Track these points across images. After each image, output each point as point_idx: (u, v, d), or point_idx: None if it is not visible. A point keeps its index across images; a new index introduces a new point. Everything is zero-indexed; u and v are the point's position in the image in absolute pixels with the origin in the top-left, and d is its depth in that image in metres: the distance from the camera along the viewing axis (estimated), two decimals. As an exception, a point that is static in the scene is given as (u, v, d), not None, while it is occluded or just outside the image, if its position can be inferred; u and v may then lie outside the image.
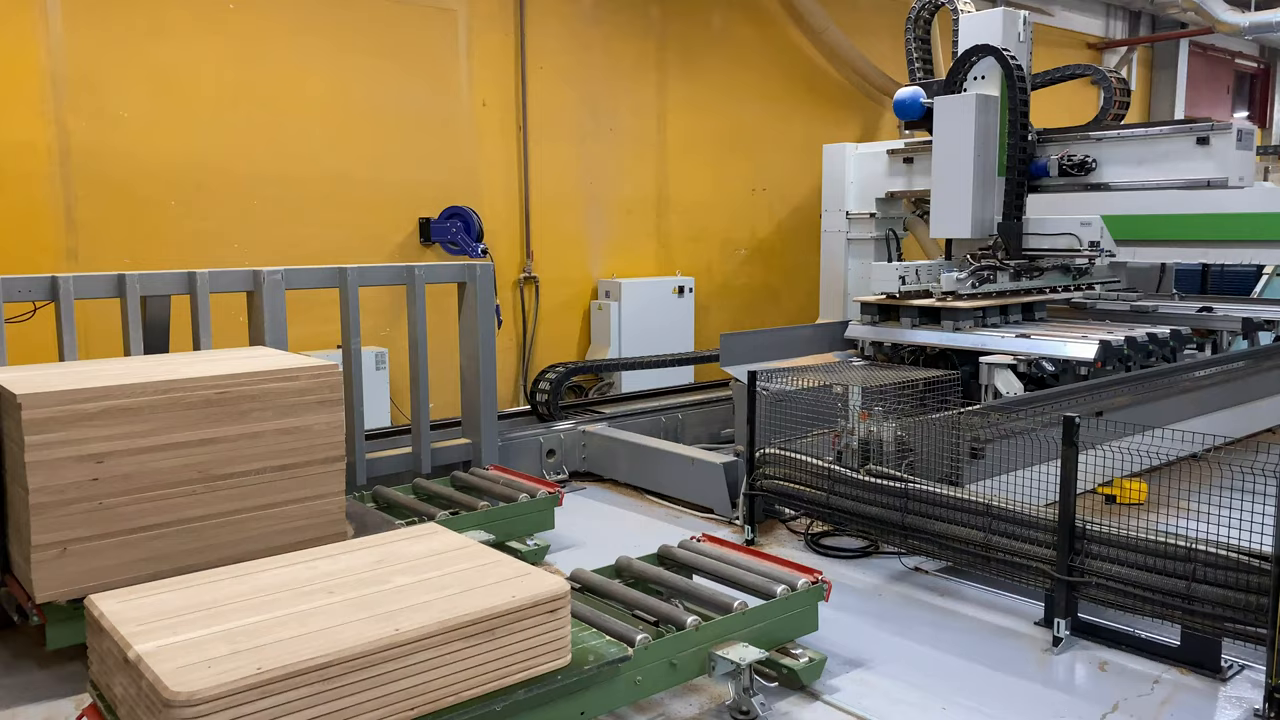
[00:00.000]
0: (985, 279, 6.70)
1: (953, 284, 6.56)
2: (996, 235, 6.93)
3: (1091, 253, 6.63)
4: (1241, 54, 17.97)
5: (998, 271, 6.80)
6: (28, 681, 3.78)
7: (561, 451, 6.69)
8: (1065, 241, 6.72)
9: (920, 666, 3.90)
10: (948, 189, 7.04)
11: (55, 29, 6.50)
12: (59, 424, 3.52)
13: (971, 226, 6.94)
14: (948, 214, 7.05)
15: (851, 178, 8.87)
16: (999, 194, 7.02)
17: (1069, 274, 7.30)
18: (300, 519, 4.07)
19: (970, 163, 6.89)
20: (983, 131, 6.95)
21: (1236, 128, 6.45)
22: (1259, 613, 3.41)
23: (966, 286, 6.60)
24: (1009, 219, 6.90)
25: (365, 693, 2.65)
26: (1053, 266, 7.17)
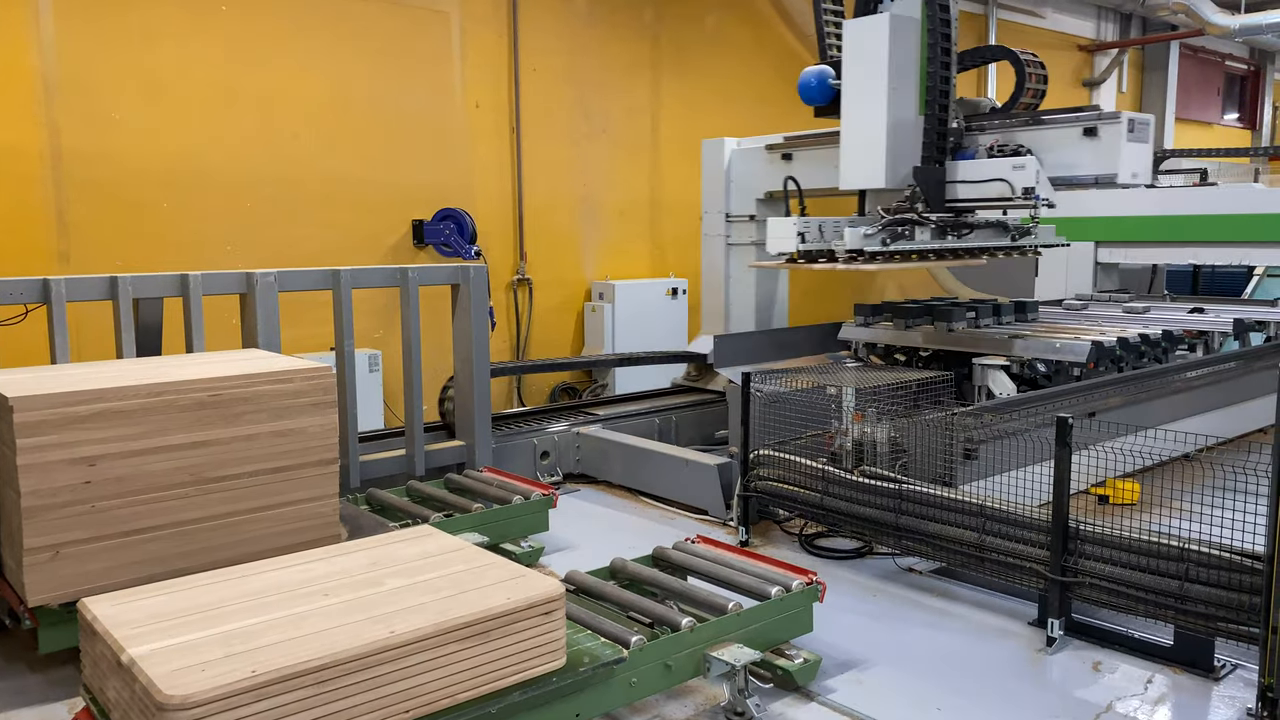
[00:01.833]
0: (899, 235, 5.52)
1: (858, 240, 5.38)
2: (914, 184, 5.79)
3: (1026, 201, 5.47)
4: (1232, 56, 18.06)
5: (915, 226, 5.65)
6: (20, 685, 3.77)
7: (555, 453, 6.69)
8: (996, 189, 5.58)
9: (915, 667, 3.91)
10: (857, 130, 5.86)
11: (46, 31, 6.48)
12: (51, 427, 3.51)
13: (886, 174, 5.74)
14: (858, 160, 5.86)
15: (732, 175, 7.92)
16: (919, 135, 5.87)
17: (1007, 233, 6.09)
18: (294, 521, 4.06)
19: (884, 97, 5.67)
20: (899, 59, 5.72)
21: (1128, 117, 5.61)
22: (1251, 612, 3.42)
23: (875, 243, 5.42)
24: (929, 163, 5.78)
25: (360, 695, 2.65)
26: (986, 224, 6.04)
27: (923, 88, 5.85)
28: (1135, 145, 5.74)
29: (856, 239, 5.39)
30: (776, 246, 5.65)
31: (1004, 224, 6.05)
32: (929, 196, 5.73)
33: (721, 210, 7.93)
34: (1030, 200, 5.47)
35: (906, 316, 6.96)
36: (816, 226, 5.62)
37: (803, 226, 5.57)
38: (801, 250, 5.52)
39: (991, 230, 6.06)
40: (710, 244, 8.09)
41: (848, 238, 5.37)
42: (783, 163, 7.40)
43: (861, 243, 5.41)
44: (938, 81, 5.77)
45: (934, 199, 5.74)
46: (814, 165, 7.06)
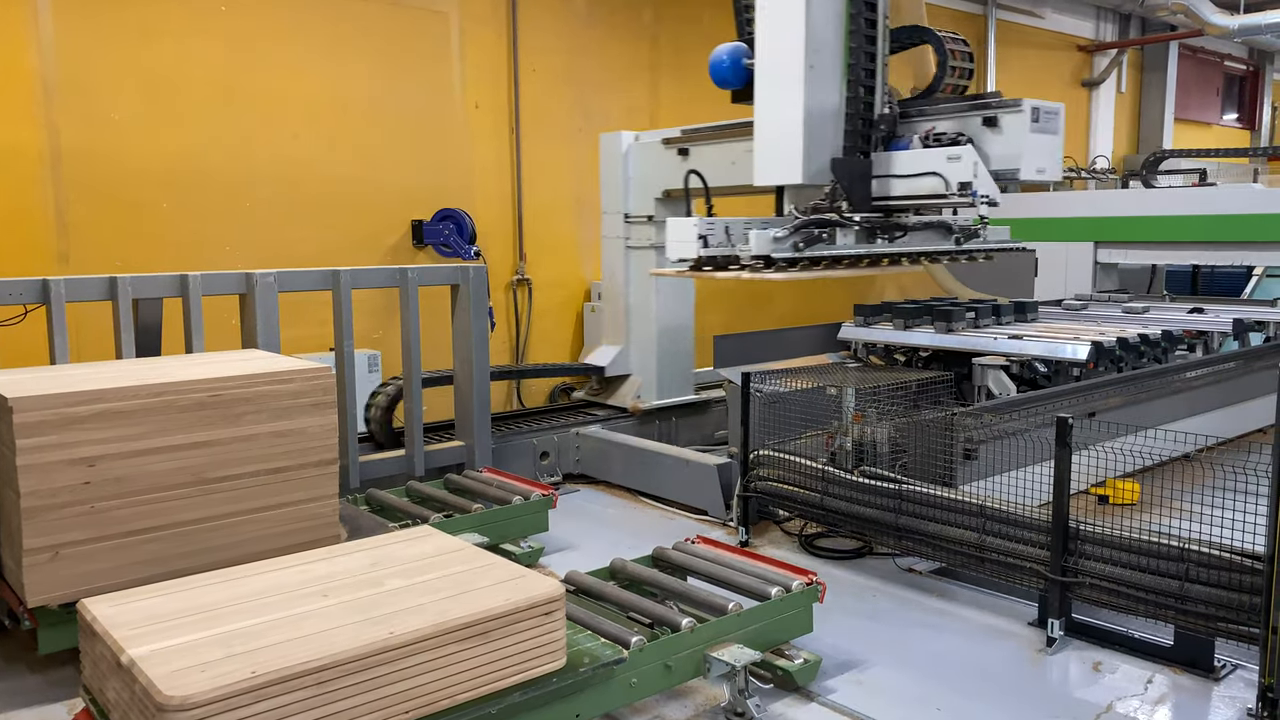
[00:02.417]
0: (816, 238, 4.76)
1: (766, 245, 4.63)
2: (834, 179, 4.98)
3: (962, 197, 4.73)
4: (1231, 56, 18.06)
5: (837, 229, 4.90)
6: (19, 686, 3.76)
7: (555, 454, 6.69)
8: (928, 185, 4.82)
9: (915, 667, 3.91)
10: (771, 117, 5.03)
11: (46, 31, 6.47)
12: (51, 427, 3.50)
13: (803, 168, 4.90)
14: (772, 152, 5.04)
15: (631, 172, 7.26)
16: (841, 123, 5.08)
17: (950, 235, 5.30)
18: (294, 522, 4.06)
19: (799, 78, 4.80)
20: (819, 34, 4.87)
21: (1031, 106, 4.97)
22: (1252, 612, 3.42)
23: (786, 248, 4.64)
24: (852, 155, 4.96)
25: (360, 696, 2.64)
26: (925, 225, 5.24)
27: (846, 66, 5.03)
28: (1042, 136, 5.08)
29: (764, 243, 4.62)
30: (676, 251, 4.91)
31: (946, 225, 5.27)
32: (851, 193, 4.94)
33: (620, 210, 7.33)
34: (967, 197, 4.73)
35: (906, 317, 6.96)
36: (723, 228, 4.87)
37: (705, 228, 4.83)
38: (704, 256, 4.81)
39: (932, 232, 5.25)
40: (609, 247, 7.54)
41: (754, 242, 4.62)
42: (679, 158, 6.79)
43: (770, 248, 4.64)
44: (861, 59, 4.95)
45: (858, 196, 4.96)
46: (713, 162, 6.33)
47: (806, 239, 4.75)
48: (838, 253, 4.91)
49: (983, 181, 4.76)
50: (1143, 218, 9.24)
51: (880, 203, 5.03)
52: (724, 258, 4.89)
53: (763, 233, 4.69)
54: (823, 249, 4.83)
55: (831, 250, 4.88)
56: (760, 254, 4.65)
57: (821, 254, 4.84)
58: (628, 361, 7.46)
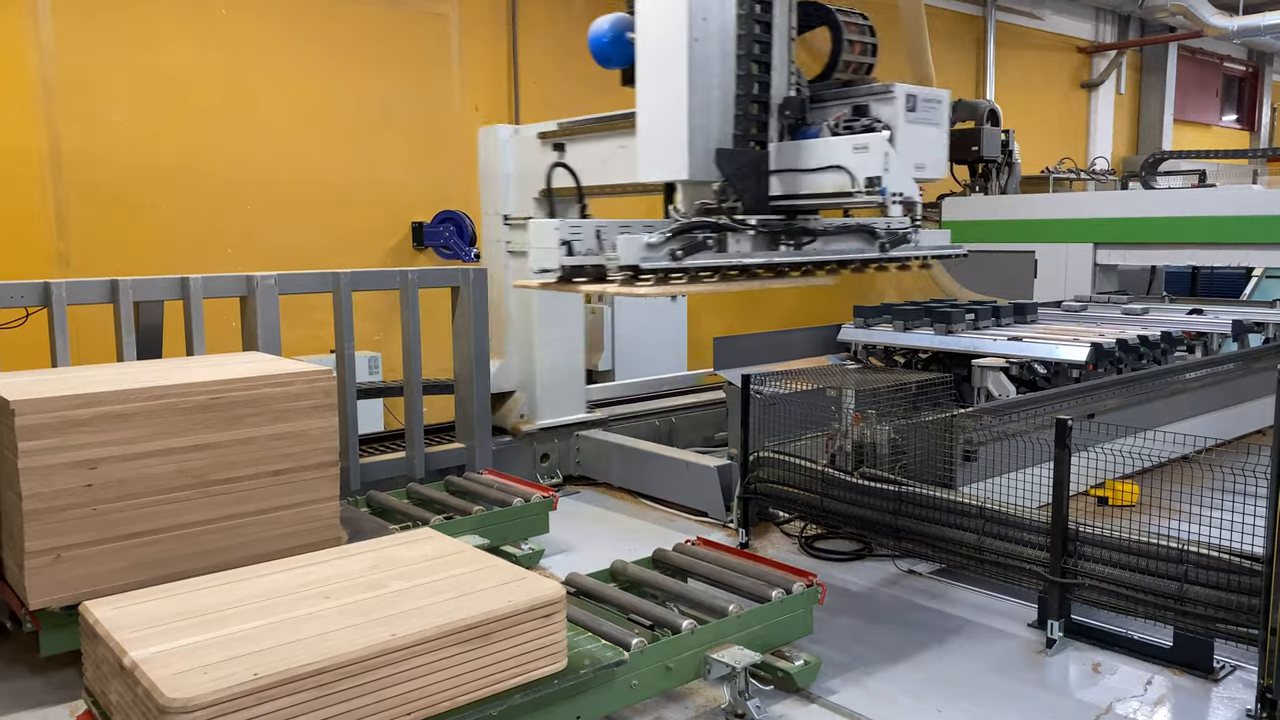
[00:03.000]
0: (699, 244, 3.97)
1: (636, 253, 3.81)
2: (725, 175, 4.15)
3: (870, 195, 3.96)
4: (1230, 57, 18.09)
5: (729, 233, 4.11)
6: (21, 688, 3.77)
7: (555, 456, 6.69)
8: (833, 181, 4.06)
9: (915, 668, 3.91)
10: (653, 103, 4.22)
11: (46, 33, 6.48)
12: (52, 430, 3.51)
13: (689, 162, 4.07)
14: (655, 143, 4.22)
15: (510, 169, 6.54)
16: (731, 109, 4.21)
17: (874, 241, 4.48)
18: (294, 524, 4.06)
19: (683, 55, 4.01)
20: (704, 2, 4.09)
21: (906, 93, 4.34)
22: (1250, 614, 3.43)
23: (661, 257, 3.84)
24: (744, 145, 4.17)
25: (361, 698, 2.65)
26: (841, 229, 4.45)
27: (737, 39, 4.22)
28: (922, 128, 4.38)
29: (634, 251, 3.78)
30: (538, 260, 4.16)
31: (869, 228, 4.47)
32: (742, 191, 4.14)
33: (499, 211, 6.59)
34: (874, 193, 3.93)
35: (906, 318, 6.97)
36: (593, 232, 4.12)
37: (570, 233, 4.05)
38: (569, 265, 4.03)
39: (852, 236, 4.46)
40: (489, 251, 6.80)
41: (622, 249, 3.80)
42: (555, 154, 6.04)
43: (641, 256, 3.79)
44: (753, 29, 4.15)
45: (750, 195, 4.19)
46: (591, 158, 5.72)
47: (688, 246, 3.89)
48: (726, 262, 4.02)
49: (897, 177, 3.96)
50: (1142, 219, 9.25)
51: (782, 203, 4.22)
52: (594, 267, 4.05)
53: (633, 238, 3.79)
54: (708, 258, 3.97)
55: (719, 260, 4.01)
56: (629, 264, 3.77)
57: (705, 264, 3.95)
58: (510, 377, 6.64)
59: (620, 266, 3.83)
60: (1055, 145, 14.10)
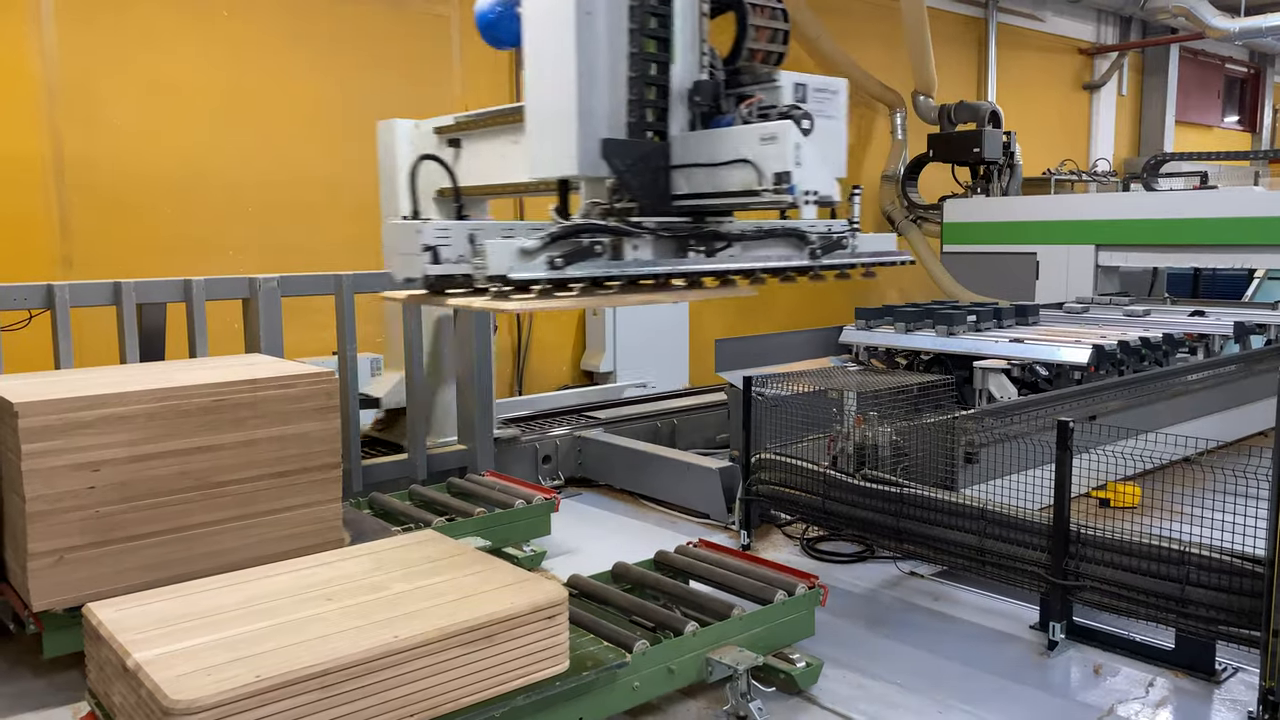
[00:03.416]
0: (585, 251, 3.41)
1: (508, 261, 3.27)
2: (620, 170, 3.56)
3: (778, 193, 3.40)
4: (1232, 59, 18.08)
5: (625, 239, 3.52)
6: (24, 690, 3.77)
7: (557, 457, 6.70)
8: (739, 178, 3.50)
9: (916, 670, 3.92)
10: (541, 88, 3.68)
11: (49, 37, 6.50)
12: (55, 432, 3.52)
13: (579, 155, 3.52)
14: (544, 134, 3.65)
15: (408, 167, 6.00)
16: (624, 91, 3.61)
17: (804, 245, 3.92)
18: (297, 526, 4.07)
19: (571, 31, 3.50)
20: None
21: (795, 82, 3.81)
22: (1252, 616, 3.43)
23: (537, 266, 3.30)
24: (637, 135, 3.60)
25: (364, 700, 2.66)
26: (761, 233, 3.82)
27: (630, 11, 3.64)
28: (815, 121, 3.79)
29: (505, 259, 3.25)
30: (401, 269, 3.64)
31: (798, 232, 3.89)
32: (636, 189, 3.58)
33: (399, 213, 5.85)
34: (783, 191, 3.39)
35: (907, 320, 6.98)
36: (464, 236, 3.56)
37: (437, 237, 3.55)
38: (434, 275, 3.50)
39: (778, 241, 3.86)
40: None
41: (491, 257, 3.25)
42: (451, 150, 5.46)
43: (512, 265, 3.25)
44: (644, 10, 3.59)
45: (646, 193, 3.62)
46: (489, 155, 5.25)
47: (571, 253, 3.34)
48: (611, 272, 3.44)
49: (811, 172, 3.41)
50: (1144, 220, 9.26)
51: (686, 202, 3.66)
52: (465, 277, 3.51)
53: (504, 244, 3.25)
54: (596, 266, 3.40)
55: (607, 269, 3.43)
56: (496, 273, 3.23)
57: (587, 274, 3.37)
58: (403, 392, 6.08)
59: (488, 276, 3.26)
60: (1057, 147, 14.11)
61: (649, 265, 3.56)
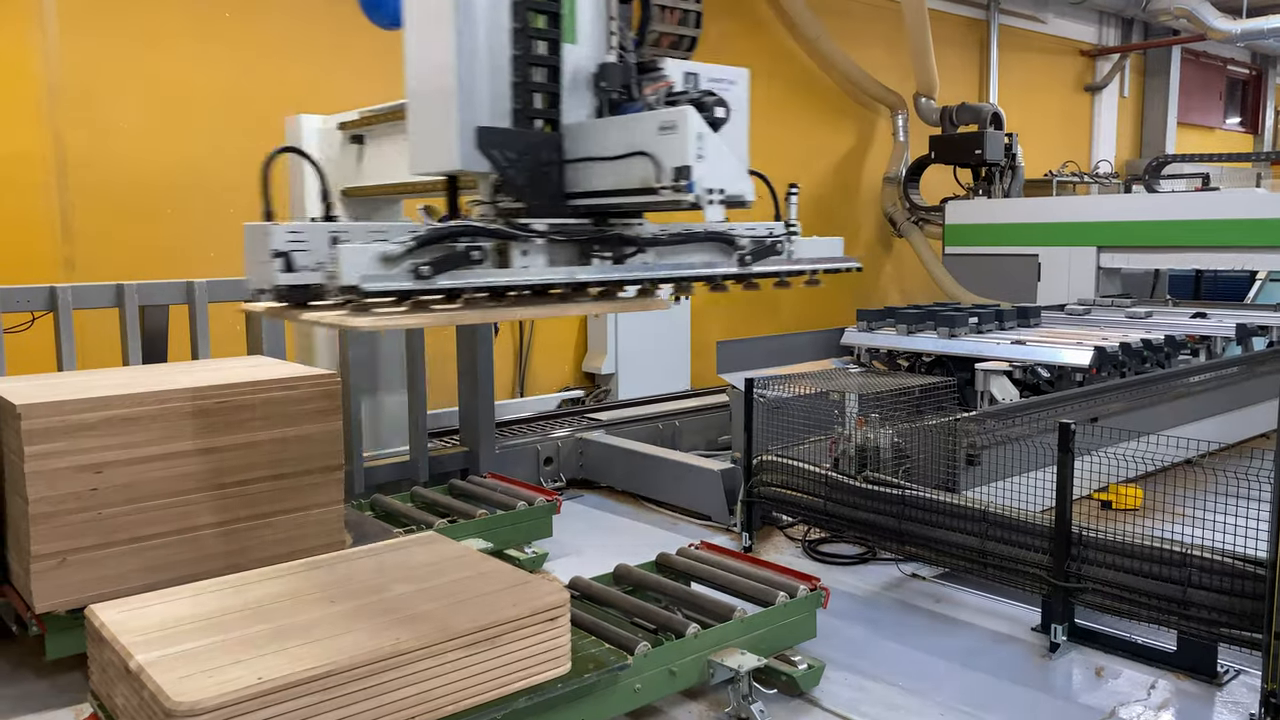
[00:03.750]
0: (458, 257, 2.90)
1: (363, 268, 2.77)
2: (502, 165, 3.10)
3: (676, 190, 2.93)
4: (1234, 60, 18.08)
5: (512, 244, 3.06)
6: (26, 691, 3.78)
7: (559, 459, 6.70)
8: (638, 172, 3.03)
9: (918, 672, 3.92)
10: (422, 75, 3.29)
11: (51, 39, 6.51)
12: (58, 434, 3.53)
13: (460, 148, 3.08)
14: (425, 127, 3.25)
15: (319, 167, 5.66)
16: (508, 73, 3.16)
17: (732, 250, 3.49)
18: (299, 528, 4.07)
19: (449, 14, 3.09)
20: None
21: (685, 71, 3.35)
22: (1254, 618, 3.43)
23: (399, 274, 2.82)
24: (524, 124, 3.15)
25: (366, 702, 2.66)
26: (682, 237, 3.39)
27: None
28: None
29: (360, 266, 2.78)
30: (254, 277, 3.09)
31: (725, 236, 3.46)
32: (522, 185, 3.14)
33: (306, 215, 5.63)
34: (681, 188, 2.94)
35: (909, 322, 6.98)
36: (325, 239, 3.04)
37: (289, 240, 3.02)
38: (286, 285, 3.00)
39: (700, 247, 3.42)
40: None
41: (344, 264, 2.76)
42: (354, 147, 5.26)
43: (367, 273, 2.77)
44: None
45: (535, 190, 3.17)
46: (394, 153, 4.98)
47: (440, 260, 2.87)
48: (494, 282, 2.97)
49: (716, 168, 2.99)
50: (1145, 222, 9.25)
51: (584, 202, 3.22)
52: (315, 290, 3.02)
53: (358, 249, 2.79)
54: (470, 275, 2.92)
55: (488, 279, 2.95)
56: (349, 284, 2.75)
57: (458, 285, 2.90)
58: None
59: (341, 287, 2.77)
60: (1058, 148, 14.10)
61: (539, 274, 3.09)
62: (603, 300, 3.33)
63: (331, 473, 4.16)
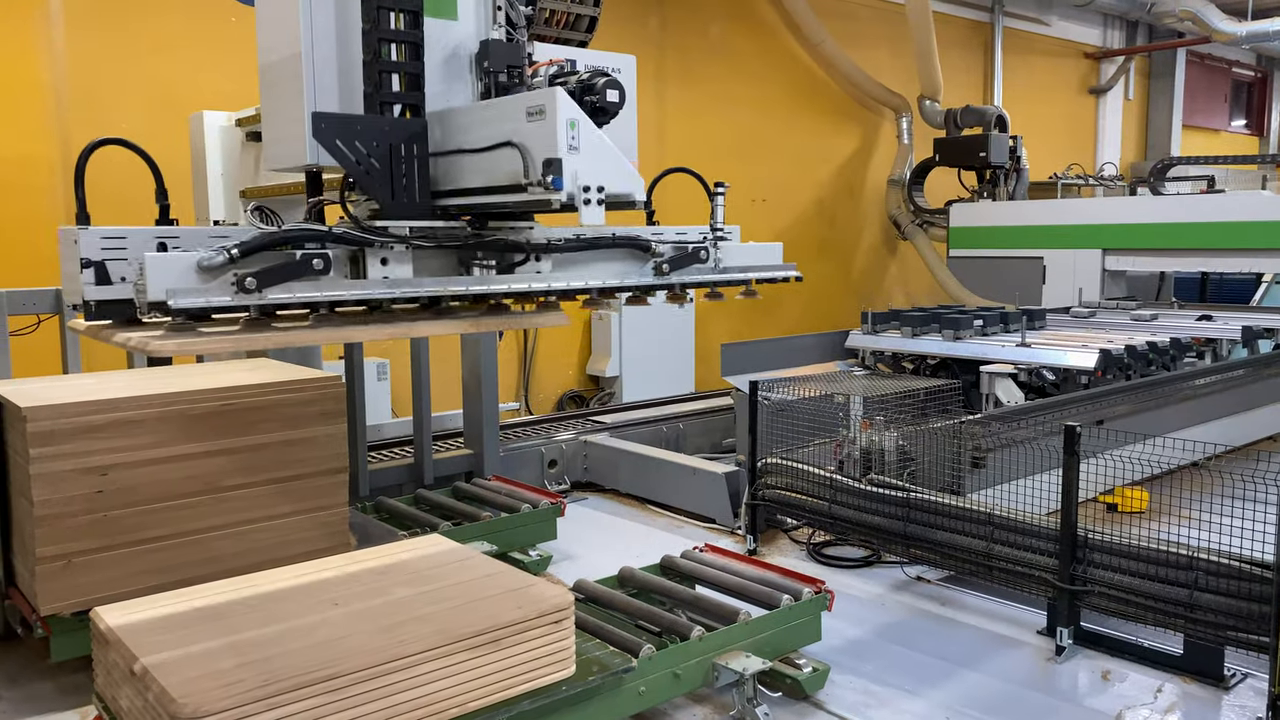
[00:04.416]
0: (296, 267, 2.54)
1: (173, 280, 2.46)
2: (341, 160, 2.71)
3: (542, 189, 2.56)
4: (1239, 63, 18.05)
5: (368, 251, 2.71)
6: (32, 694, 3.78)
7: (563, 462, 6.70)
8: (506, 165, 2.64)
9: (923, 676, 3.91)
10: (272, 62, 2.90)
11: (58, 43, 6.53)
12: (64, 436, 3.53)
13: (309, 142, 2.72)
14: (277, 119, 2.93)
15: (219, 165, 5.34)
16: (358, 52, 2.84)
17: (646, 257, 3.20)
18: (304, 530, 4.08)
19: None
20: None
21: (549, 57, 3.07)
22: (1261, 621, 3.42)
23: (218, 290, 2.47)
24: (380, 110, 2.74)
25: (371, 704, 2.66)
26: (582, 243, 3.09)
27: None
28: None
29: (168, 279, 2.44)
30: (68, 289, 2.76)
31: (639, 241, 3.15)
32: (372, 183, 2.69)
33: (209, 217, 5.41)
34: (546, 185, 2.53)
35: (914, 324, 6.97)
36: (151, 245, 2.69)
37: (102, 248, 2.67)
38: (97, 300, 2.62)
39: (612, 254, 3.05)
40: None
41: (150, 276, 2.44)
42: (254, 145, 5.02)
43: (176, 287, 2.44)
44: None
45: (389, 187, 2.71)
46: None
47: (272, 270, 2.47)
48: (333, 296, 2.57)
49: (594, 161, 2.60)
50: (1151, 225, 9.24)
51: (458, 201, 2.82)
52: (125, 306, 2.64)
53: (171, 259, 2.44)
54: (317, 288, 2.53)
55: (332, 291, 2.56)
56: (156, 299, 2.41)
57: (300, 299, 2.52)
58: None
59: (149, 304, 2.41)
60: (1063, 151, 14.09)
61: (403, 286, 2.65)
62: (492, 315, 2.91)
63: (336, 475, 4.16)
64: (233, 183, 5.38)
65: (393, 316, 2.73)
